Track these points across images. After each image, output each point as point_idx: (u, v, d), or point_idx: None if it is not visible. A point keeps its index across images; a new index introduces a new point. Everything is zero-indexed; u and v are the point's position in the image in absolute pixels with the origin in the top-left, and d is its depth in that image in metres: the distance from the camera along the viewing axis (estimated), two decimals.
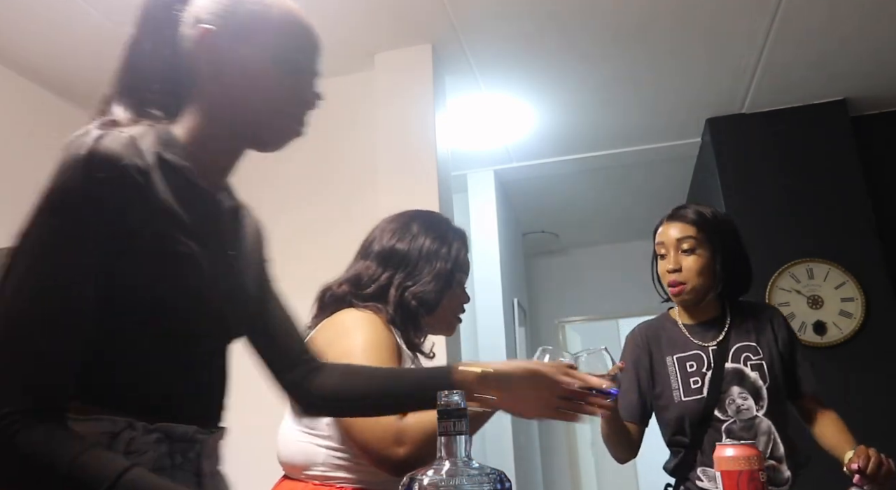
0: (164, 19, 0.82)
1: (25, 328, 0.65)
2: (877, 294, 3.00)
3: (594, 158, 3.76)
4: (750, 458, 0.98)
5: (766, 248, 3.15)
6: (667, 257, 1.59)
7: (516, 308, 4.02)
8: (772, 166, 3.26)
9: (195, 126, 0.81)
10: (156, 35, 0.82)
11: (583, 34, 2.69)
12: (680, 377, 1.56)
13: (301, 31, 0.84)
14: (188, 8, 0.81)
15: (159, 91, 0.82)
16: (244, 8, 0.80)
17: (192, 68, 0.81)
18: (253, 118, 0.81)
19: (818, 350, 2.99)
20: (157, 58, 0.82)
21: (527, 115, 3.30)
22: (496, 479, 0.68)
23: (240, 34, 0.79)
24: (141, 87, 0.81)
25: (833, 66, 2.98)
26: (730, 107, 3.32)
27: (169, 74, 0.82)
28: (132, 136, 0.73)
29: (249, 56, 0.79)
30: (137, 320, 0.74)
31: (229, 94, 0.80)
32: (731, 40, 2.77)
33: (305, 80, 0.84)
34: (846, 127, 3.23)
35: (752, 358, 1.55)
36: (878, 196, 3.20)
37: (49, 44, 2.59)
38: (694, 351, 1.58)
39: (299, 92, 0.82)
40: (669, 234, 1.60)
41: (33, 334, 0.65)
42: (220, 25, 0.79)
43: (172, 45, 0.81)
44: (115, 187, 0.70)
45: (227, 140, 0.83)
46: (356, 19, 2.52)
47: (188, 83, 0.82)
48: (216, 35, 0.79)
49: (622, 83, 3.06)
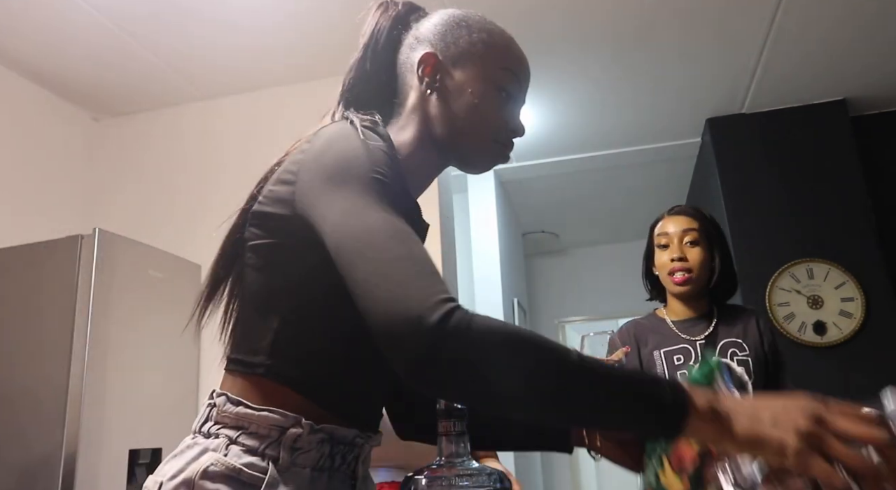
0: (386, 42, 0.88)
1: (420, 255, 0.64)
2: (877, 294, 3.00)
3: (594, 158, 3.76)
4: None
5: (766, 248, 3.15)
6: (671, 248, 1.63)
7: (516, 308, 4.02)
8: (772, 166, 3.26)
9: (408, 142, 0.84)
10: (376, 57, 0.88)
11: (584, 34, 2.69)
12: (667, 370, 1.59)
13: (520, 62, 0.88)
14: (412, 31, 0.87)
15: (377, 108, 0.84)
16: (469, 35, 0.84)
17: (410, 87, 0.85)
18: (469, 141, 0.83)
19: (818, 350, 2.99)
20: (375, 79, 0.87)
21: (527, 115, 3.30)
22: (496, 479, 0.68)
23: (464, 59, 0.83)
24: (362, 105, 0.85)
25: (833, 66, 2.98)
26: (730, 107, 3.32)
27: (386, 94, 0.87)
28: (388, 134, 0.77)
29: (473, 82, 0.82)
30: (340, 316, 0.73)
31: (449, 116, 0.82)
32: (732, 40, 2.77)
33: (518, 109, 0.87)
34: (846, 127, 3.23)
35: (738, 354, 1.58)
36: (878, 196, 3.20)
37: (49, 44, 2.59)
38: (682, 345, 1.61)
39: (512, 120, 0.85)
40: (674, 227, 1.65)
41: (426, 258, 0.64)
42: (445, 51, 0.83)
43: (391, 67, 0.87)
44: (401, 178, 0.73)
45: (435, 158, 0.86)
46: (355, 22, 2.52)
47: (403, 101, 0.86)
48: (441, 60, 0.83)
49: (622, 83, 3.06)
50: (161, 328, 2.29)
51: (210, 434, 0.72)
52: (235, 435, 0.71)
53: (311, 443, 0.73)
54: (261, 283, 0.76)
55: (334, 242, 0.65)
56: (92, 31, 2.52)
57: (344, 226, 0.65)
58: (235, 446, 0.70)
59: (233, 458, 0.69)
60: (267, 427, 0.71)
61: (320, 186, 0.69)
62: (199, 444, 0.72)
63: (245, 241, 0.78)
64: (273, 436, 0.71)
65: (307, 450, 0.72)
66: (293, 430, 0.72)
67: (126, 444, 2.08)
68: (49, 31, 2.52)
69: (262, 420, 0.71)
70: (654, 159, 3.81)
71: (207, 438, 0.72)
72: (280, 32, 2.59)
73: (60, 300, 2.05)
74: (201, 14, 2.46)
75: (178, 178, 2.96)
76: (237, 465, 0.69)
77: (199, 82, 2.91)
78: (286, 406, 0.72)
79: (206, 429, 0.73)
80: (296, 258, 0.73)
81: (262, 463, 0.70)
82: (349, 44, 0.93)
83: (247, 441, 0.71)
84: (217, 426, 0.72)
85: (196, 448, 0.71)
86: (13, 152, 2.70)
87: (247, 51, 2.70)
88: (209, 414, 0.74)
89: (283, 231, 0.73)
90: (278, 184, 0.74)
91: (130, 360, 2.17)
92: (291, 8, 2.45)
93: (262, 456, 0.70)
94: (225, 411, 0.72)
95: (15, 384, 2.02)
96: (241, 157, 2.85)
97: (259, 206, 0.76)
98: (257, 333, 0.75)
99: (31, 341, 2.05)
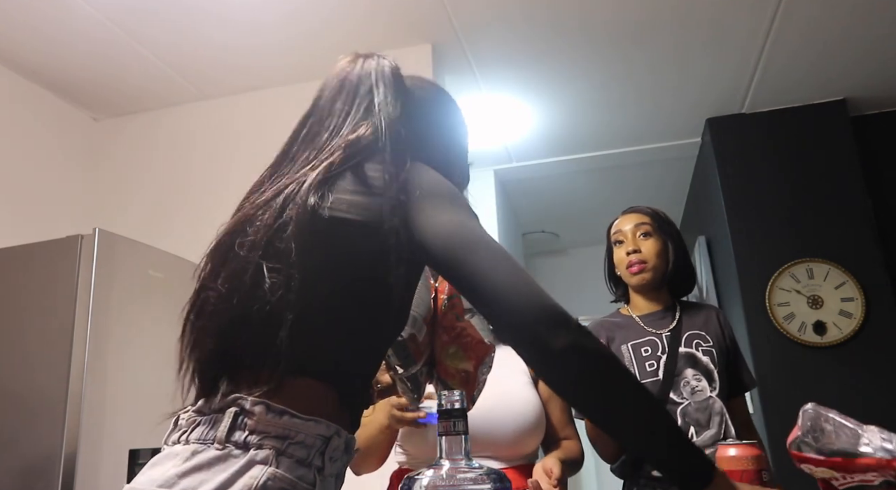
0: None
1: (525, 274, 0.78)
2: (877, 294, 3.00)
3: (594, 158, 3.75)
4: (752, 458, 0.98)
5: (766, 248, 3.15)
6: (625, 242, 1.71)
7: None
8: (772, 166, 3.26)
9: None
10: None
11: (583, 34, 2.69)
12: (636, 362, 1.62)
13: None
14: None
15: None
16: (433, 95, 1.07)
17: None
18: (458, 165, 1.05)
19: (818, 350, 2.99)
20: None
21: (527, 115, 3.30)
22: (496, 479, 0.68)
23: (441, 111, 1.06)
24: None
25: (833, 66, 2.98)
26: (730, 107, 3.32)
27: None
28: None
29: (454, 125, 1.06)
30: (382, 324, 0.83)
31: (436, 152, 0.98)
32: (731, 40, 2.77)
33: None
34: (846, 127, 3.22)
35: (702, 344, 1.62)
36: (878, 196, 3.20)
37: (49, 44, 2.59)
38: (648, 337, 1.64)
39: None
40: (627, 223, 1.73)
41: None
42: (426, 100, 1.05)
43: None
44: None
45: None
46: (356, 19, 2.52)
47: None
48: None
49: (622, 83, 3.06)
50: (161, 328, 2.29)
51: (249, 445, 0.69)
52: (283, 445, 0.69)
53: (339, 451, 0.74)
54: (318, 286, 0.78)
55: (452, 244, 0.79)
56: (92, 31, 2.52)
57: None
58: (285, 458, 0.69)
59: (287, 471, 0.68)
60: (313, 436, 0.71)
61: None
62: (235, 456, 0.69)
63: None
64: (318, 446, 0.71)
65: (337, 459, 0.74)
66: (335, 440, 0.72)
67: (126, 444, 2.08)
68: (49, 31, 2.52)
69: (309, 429, 0.70)
70: (654, 159, 3.81)
71: (246, 449, 0.69)
72: (281, 31, 2.59)
73: (60, 300, 2.05)
74: (202, 13, 2.46)
75: (179, 178, 2.95)
76: (293, 477, 0.68)
77: (200, 82, 2.91)
78: (327, 415, 0.73)
79: (239, 439, 0.70)
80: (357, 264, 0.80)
81: (309, 474, 0.70)
82: (348, 43, 0.94)
83: (297, 452, 0.69)
84: (257, 436, 0.69)
85: (235, 460, 0.68)
86: (13, 152, 2.69)
87: (247, 50, 2.70)
88: (238, 422, 0.71)
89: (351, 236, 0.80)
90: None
91: (130, 361, 2.17)
92: (292, 7, 2.45)
93: (310, 467, 0.70)
94: (268, 420, 0.70)
95: (15, 384, 2.02)
96: (242, 156, 2.85)
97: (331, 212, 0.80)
98: (313, 338, 0.75)
99: (30, 341, 2.05)
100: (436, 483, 0.68)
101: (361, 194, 0.81)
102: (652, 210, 1.76)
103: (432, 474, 0.70)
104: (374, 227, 0.79)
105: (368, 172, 0.83)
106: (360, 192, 0.81)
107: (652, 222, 1.71)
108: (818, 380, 2.94)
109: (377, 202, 0.80)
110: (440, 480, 0.68)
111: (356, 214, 0.79)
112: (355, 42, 2.65)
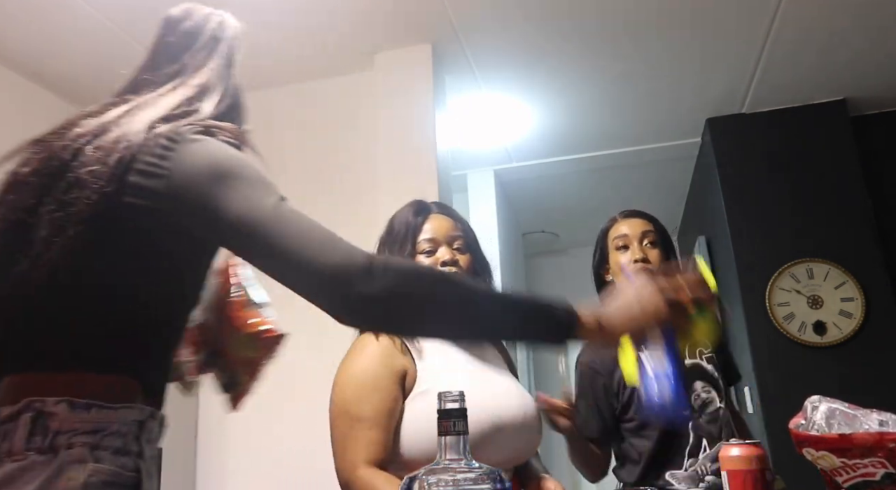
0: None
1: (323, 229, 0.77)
2: (877, 294, 3.00)
3: (594, 158, 3.75)
4: (756, 458, 0.97)
5: (766, 248, 3.15)
6: (631, 249, 1.63)
7: None
8: (772, 166, 3.26)
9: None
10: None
11: (583, 34, 2.69)
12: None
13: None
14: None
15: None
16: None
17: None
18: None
19: (818, 350, 2.99)
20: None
21: (527, 115, 3.30)
22: (496, 479, 0.68)
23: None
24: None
25: (833, 66, 2.98)
26: (730, 107, 3.32)
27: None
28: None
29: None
30: (174, 300, 0.81)
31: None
32: (731, 40, 2.77)
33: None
34: (846, 127, 3.22)
35: (704, 351, 1.58)
36: (879, 196, 3.20)
37: (49, 44, 2.59)
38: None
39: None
40: (631, 229, 1.65)
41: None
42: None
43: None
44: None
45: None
46: (356, 19, 2.52)
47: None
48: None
49: (622, 83, 3.06)
50: None
51: (56, 447, 0.64)
52: (97, 439, 0.66)
53: (156, 432, 0.74)
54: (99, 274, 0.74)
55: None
56: (92, 31, 2.52)
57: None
58: (101, 451, 0.66)
59: (107, 463, 0.65)
60: (128, 423, 0.69)
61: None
62: (39, 462, 0.64)
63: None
64: (133, 431, 0.69)
65: (154, 439, 0.73)
66: (150, 423, 0.72)
67: None
68: (49, 31, 2.52)
69: (122, 417, 0.68)
70: (654, 159, 3.81)
71: (54, 453, 0.64)
72: (281, 31, 2.59)
73: None
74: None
75: None
76: (115, 468, 0.65)
77: None
78: (137, 399, 0.71)
79: (42, 444, 0.64)
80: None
81: (130, 462, 0.68)
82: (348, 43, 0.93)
83: (113, 442, 0.67)
84: (65, 436, 0.65)
85: (43, 468, 0.63)
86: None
87: (247, 50, 2.69)
88: (38, 426, 0.65)
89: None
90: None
91: None
92: (292, 7, 2.45)
93: (129, 454, 0.68)
94: (74, 417, 0.66)
95: None
96: None
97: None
98: (93, 327, 0.72)
99: None
100: (436, 483, 0.68)
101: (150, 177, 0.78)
102: (653, 217, 1.71)
103: (432, 474, 0.70)
104: (165, 210, 0.75)
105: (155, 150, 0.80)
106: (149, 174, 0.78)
107: (656, 231, 1.66)
108: (818, 380, 2.94)
109: (164, 184, 0.76)
110: (440, 480, 0.68)
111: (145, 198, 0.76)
112: (355, 42, 2.64)
